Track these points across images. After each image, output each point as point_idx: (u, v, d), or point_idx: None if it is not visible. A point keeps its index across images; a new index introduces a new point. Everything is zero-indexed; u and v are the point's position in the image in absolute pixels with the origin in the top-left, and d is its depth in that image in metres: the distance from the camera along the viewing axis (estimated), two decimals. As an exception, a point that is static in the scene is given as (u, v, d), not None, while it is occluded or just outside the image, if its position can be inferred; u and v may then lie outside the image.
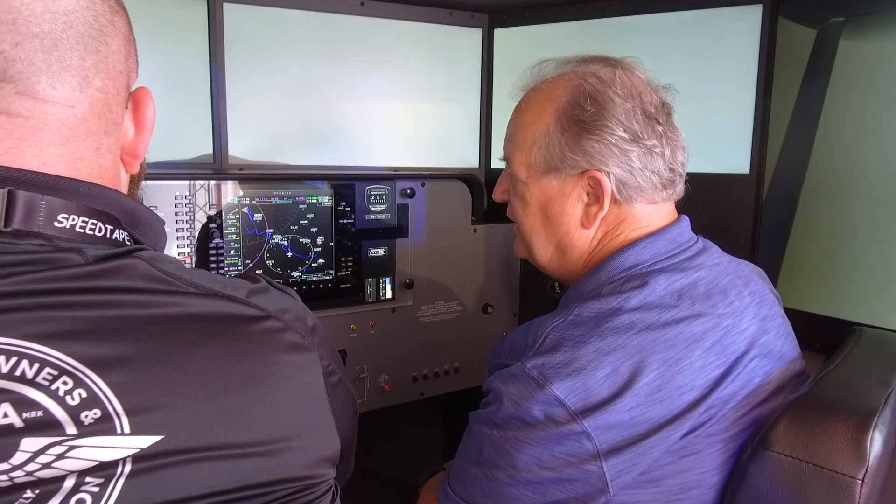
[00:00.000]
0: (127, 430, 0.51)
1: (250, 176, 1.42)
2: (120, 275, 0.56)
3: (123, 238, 0.62)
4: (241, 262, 1.39)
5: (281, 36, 1.57)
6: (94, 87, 0.59)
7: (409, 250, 1.58)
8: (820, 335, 1.34)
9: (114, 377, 0.52)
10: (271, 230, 1.42)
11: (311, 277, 1.48)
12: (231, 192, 1.37)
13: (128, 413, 0.51)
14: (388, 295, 1.57)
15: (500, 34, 1.75)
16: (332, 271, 1.50)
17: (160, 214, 1.28)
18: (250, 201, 1.39)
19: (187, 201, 1.33)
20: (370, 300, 1.55)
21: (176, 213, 1.32)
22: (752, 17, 1.42)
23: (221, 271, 1.37)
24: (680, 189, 0.98)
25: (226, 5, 1.49)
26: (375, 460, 1.39)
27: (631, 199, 0.91)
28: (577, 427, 0.77)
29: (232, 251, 1.38)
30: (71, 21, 0.57)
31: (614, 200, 0.91)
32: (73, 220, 0.57)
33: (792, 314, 1.03)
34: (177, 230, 1.32)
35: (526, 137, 0.95)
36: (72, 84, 0.58)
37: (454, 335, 1.67)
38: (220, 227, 1.36)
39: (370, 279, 1.55)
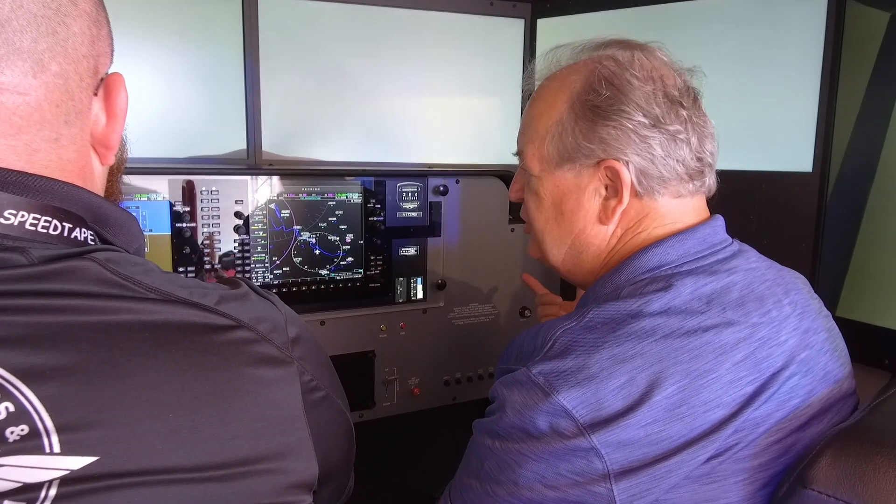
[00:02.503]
0: (56, 449, 0.47)
1: (284, 172, 1.39)
2: (67, 277, 0.52)
3: (86, 237, 0.58)
4: (269, 258, 1.37)
5: (316, 29, 1.54)
6: (50, 73, 0.55)
7: (441, 250, 1.53)
8: (889, 351, 1.21)
9: (47, 390, 0.47)
10: (299, 227, 1.39)
11: (340, 276, 1.44)
12: (260, 187, 1.35)
13: (59, 430, 0.47)
14: (420, 295, 1.52)
15: (543, 24, 1.67)
16: (361, 270, 1.46)
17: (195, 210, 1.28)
18: (277, 197, 1.37)
19: (215, 196, 1.31)
20: (401, 300, 1.51)
21: (202, 209, 1.30)
22: (817, 0, 1.29)
23: (248, 268, 1.35)
24: (710, 182, 0.88)
25: (260, -1, 1.47)
26: (397, 466, 1.34)
27: (653, 191, 0.83)
28: (585, 442, 0.69)
29: (259, 248, 1.36)
30: (21, 0, 0.53)
31: (635, 193, 0.83)
32: (23, 216, 0.53)
33: (857, 327, 0.92)
34: (202, 226, 1.30)
35: (538, 128, 0.88)
36: (23, 69, 0.53)
37: (489, 339, 1.60)
38: (246, 224, 1.34)
39: (401, 279, 1.50)
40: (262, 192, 1.35)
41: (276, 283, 1.38)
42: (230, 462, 0.54)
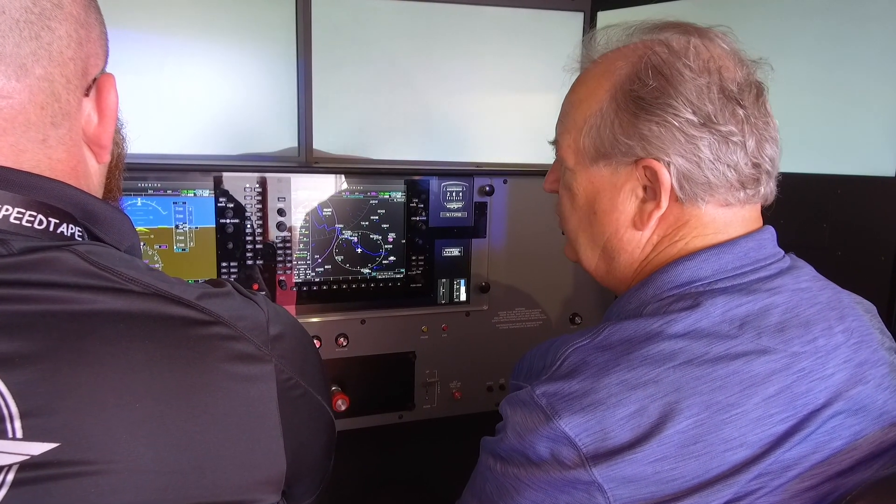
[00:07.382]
0: (19, 434, 0.47)
1: (328, 170, 1.39)
2: (45, 268, 0.52)
3: (73, 233, 0.59)
4: (311, 256, 1.37)
5: (368, 27, 1.53)
6: (34, 76, 0.56)
7: (486, 251, 1.49)
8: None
9: (16, 376, 0.48)
10: (341, 225, 1.39)
11: (382, 275, 1.43)
12: (303, 186, 1.36)
13: (22, 415, 0.48)
14: (463, 297, 1.49)
15: (603, 17, 1.59)
16: (402, 270, 1.44)
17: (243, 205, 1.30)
18: (320, 195, 1.37)
19: (258, 194, 1.33)
20: (443, 301, 1.48)
21: (246, 206, 1.32)
22: (904, -14, 1.16)
23: (289, 265, 1.36)
24: (767, 190, 0.78)
25: (314, -3, 1.47)
26: (431, 469, 1.32)
27: (697, 197, 0.74)
28: (586, 475, 0.64)
29: (301, 245, 1.37)
30: (3, 6, 0.54)
31: (675, 198, 0.74)
32: (7, 210, 0.54)
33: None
34: (246, 223, 1.32)
35: (576, 117, 0.80)
36: (6, 73, 0.54)
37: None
38: (289, 221, 1.35)
39: (443, 280, 1.47)
40: (305, 190, 1.36)
41: (317, 280, 1.38)
42: (195, 456, 0.53)
